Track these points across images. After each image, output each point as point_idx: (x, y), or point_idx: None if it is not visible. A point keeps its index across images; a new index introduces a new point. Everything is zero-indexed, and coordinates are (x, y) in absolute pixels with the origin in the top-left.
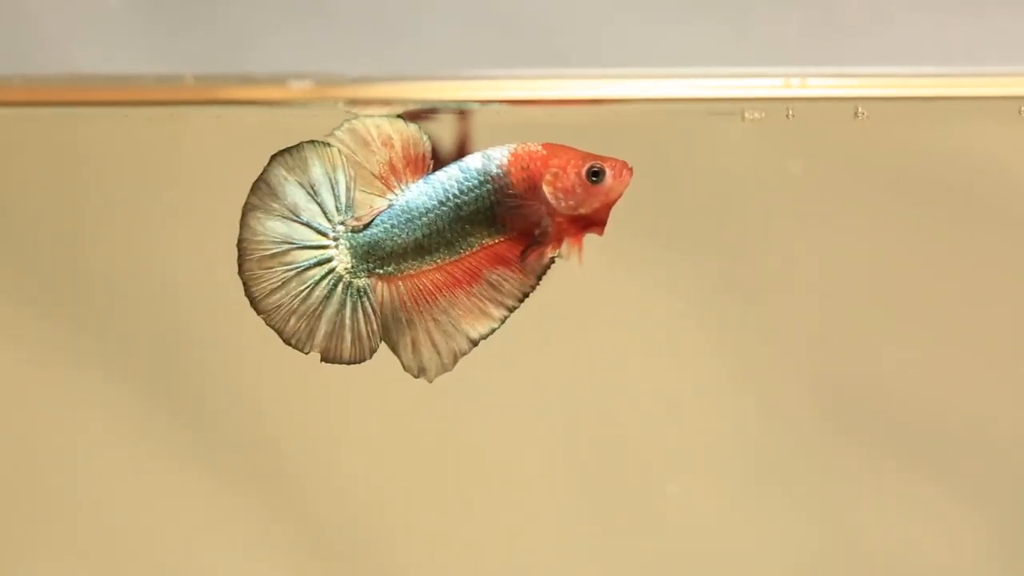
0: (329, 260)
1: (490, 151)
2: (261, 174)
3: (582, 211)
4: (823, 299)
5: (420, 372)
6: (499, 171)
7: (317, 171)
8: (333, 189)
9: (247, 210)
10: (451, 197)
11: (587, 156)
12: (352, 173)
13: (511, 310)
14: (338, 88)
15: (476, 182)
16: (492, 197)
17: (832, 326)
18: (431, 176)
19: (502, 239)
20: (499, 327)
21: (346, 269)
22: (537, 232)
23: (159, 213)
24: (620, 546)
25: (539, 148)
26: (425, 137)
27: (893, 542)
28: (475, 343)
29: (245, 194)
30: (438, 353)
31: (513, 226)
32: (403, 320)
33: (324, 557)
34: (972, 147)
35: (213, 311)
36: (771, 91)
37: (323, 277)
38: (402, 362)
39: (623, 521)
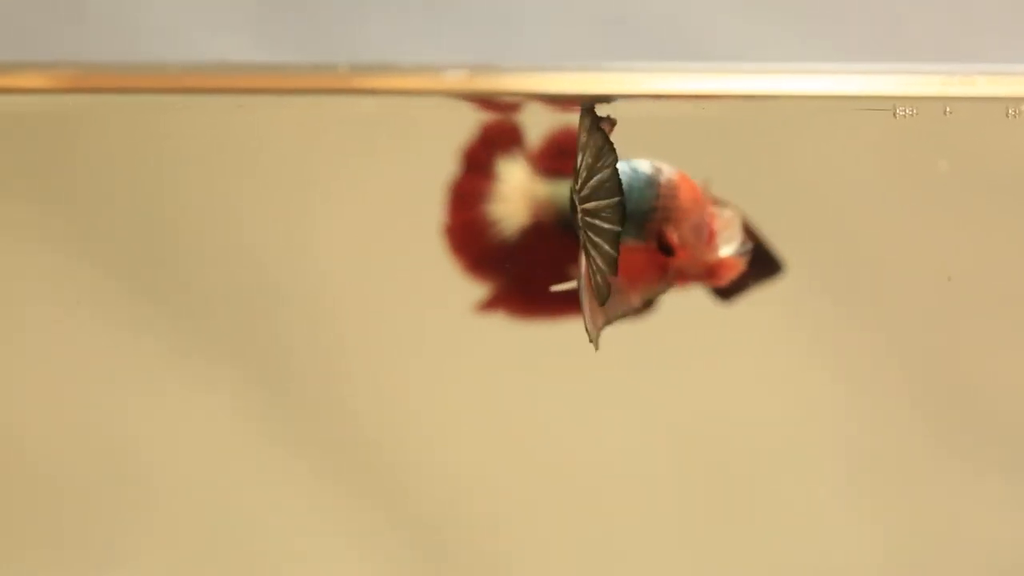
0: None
1: (655, 162)
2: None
3: (714, 258)
4: (958, 299)
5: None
6: (668, 183)
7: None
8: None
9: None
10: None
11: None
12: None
13: (609, 323)
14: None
15: (644, 183)
16: (655, 202)
17: (962, 327)
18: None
19: (642, 245)
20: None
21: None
22: (680, 248)
23: (253, 201)
24: (722, 543)
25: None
26: None
27: (993, 545)
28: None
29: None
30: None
31: (660, 235)
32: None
33: (423, 549)
34: None
35: (301, 304)
36: (925, 88)
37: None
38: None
39: (725, 519)
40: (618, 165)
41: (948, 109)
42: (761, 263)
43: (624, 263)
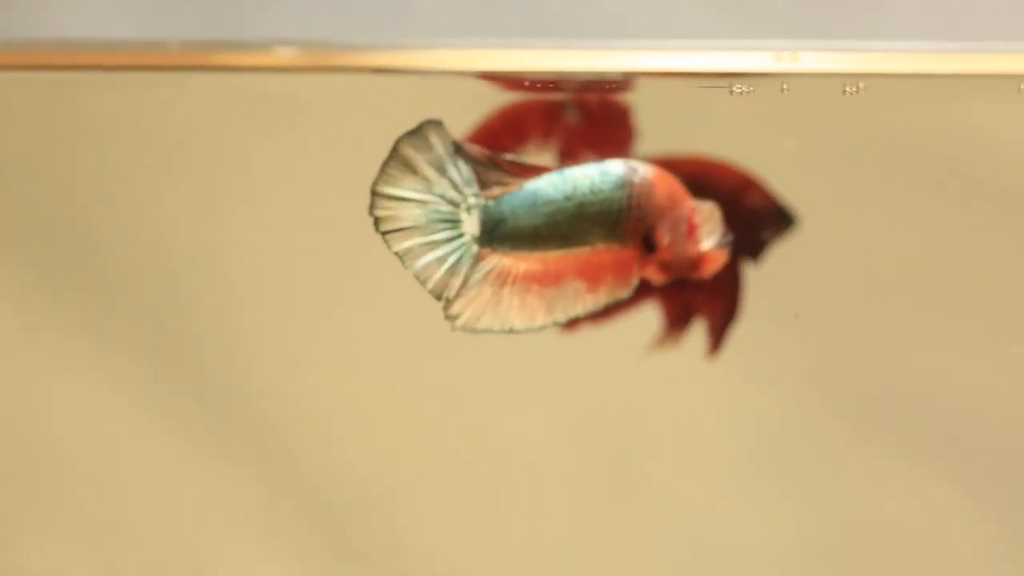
0: (459, 224)
1: (631, 161)
2: (390, 154)
3: (696, 251)
4: (819, 280)
5: (452, 317)
6: (642, 182)
7: (440, 150)
8: (456, 165)
9: (382, 186)
10: (579, 195)
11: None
12: (474, 152)
13: (556, 324)
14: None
15: (612, 185)
16: (626, 203)
17: (829, 307)
18: (567, 169)
19: (616, 246)
20: (534, 331)
21: (473, 236)
22: (660, 245)
23: (148, 180)
24: (622, 532)
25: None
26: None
27: (894, 530)
28: (507, 332)
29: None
30: (477, 319)
31: (635, 236)
32: (484, 284)
33: (328, 544)
34: (968, 124)
35: (213, 289)
36: (762, 65)
37: (452, 238)
38: (451, 305)
39: (623, 507)
40: (587, 169)
41: (785, 86)
42: (777, 219)
43: (588, 265)
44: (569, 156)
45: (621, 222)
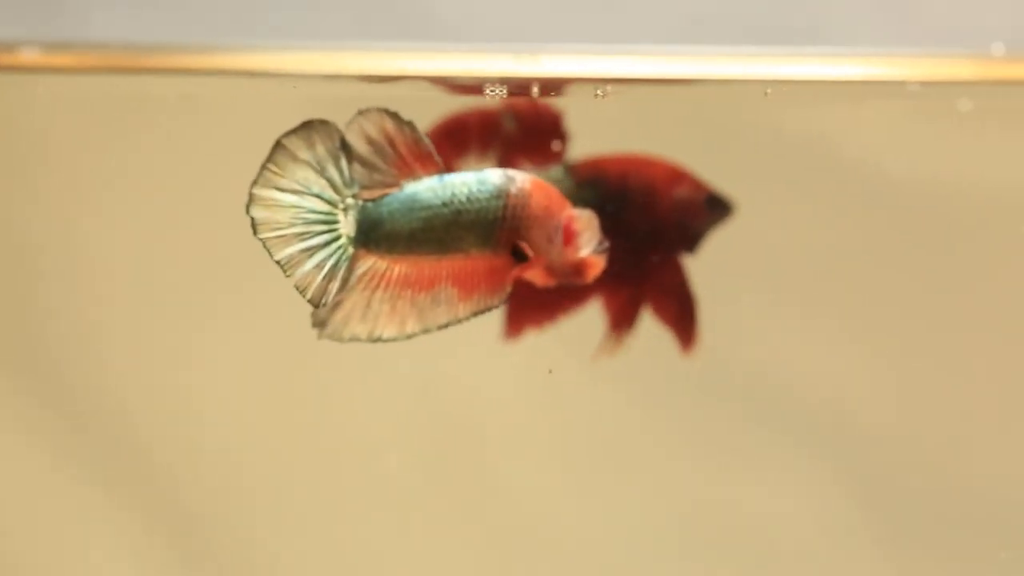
0: (336, 225)
1: (510, 171)
2: (271, 152)
3: (576, 258)
4: (715, 279)
5: (319, 323)
6: (518, 192)
7: (321, 148)
8: (337, 164)
9: (260, 186)
10: (456, 202)
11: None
12: (356, 151)
13: (426, 331)
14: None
15: (489, 195)
16: (501, 212)
17: (724, 307)
18: (447, 176)
19: (490, 253)
20: (402, 340)
21: (349, 236)
22: (533, 255)
23: (10, 184)
24: (476, 532)
25: (554, 188)
26: (426, 139)
27: (757, 516)
28: (372, 340)
29: None
30: (345, 325)
31: (509, 245)
32: (354, 287)
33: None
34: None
35: (76, 296)
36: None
37: (329, 241)
38: (321, 313)
39: (477, 508)
40: (465, 176)
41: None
42: (715, 208)
43: (462, 272)
44: (507, 165)
45: (496, 231)
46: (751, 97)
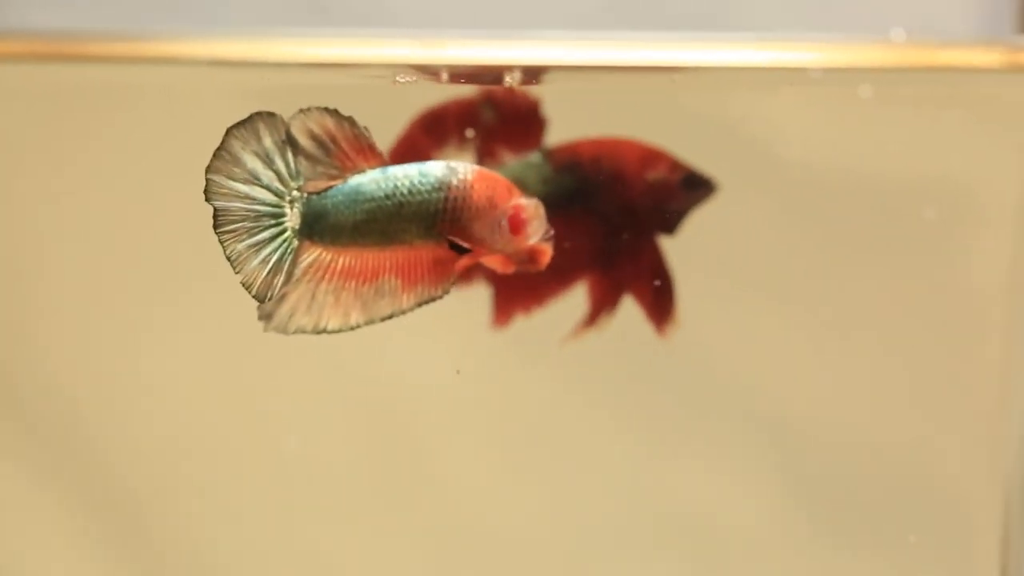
0: (283, 218)
1: (453, 163)
2: (220, 145)
3: (525, 246)
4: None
5: (264, 317)
6: (460, 184)
7: (268, 141)
8: (284, 157)
9: (211, 175)
10: (399, 194)
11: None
12: (301, 144)
13: (370, 322)
14: None
15: (431, 187)
16: (442, 205)
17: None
18: (390, 169)
19: (433, 244)
20: (347, 331)
21: (294, 229)
22: (473, 246)
23: None
24: (409, 515)
25: (501, 176)
26: (366, 128)
27: (701, 504)
28: (317, 332)
29: None
30: (290, 317)
31: (453, 234)
32: (299, 279)
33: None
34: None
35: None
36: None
37: (276, 235)
38: (267, 306)
39: (411, 484)
40: (408, 169)
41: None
42: (694, 188)
43: (406, 262)
44: (488, 155)
45: (437, 223)
46: (658, 84)
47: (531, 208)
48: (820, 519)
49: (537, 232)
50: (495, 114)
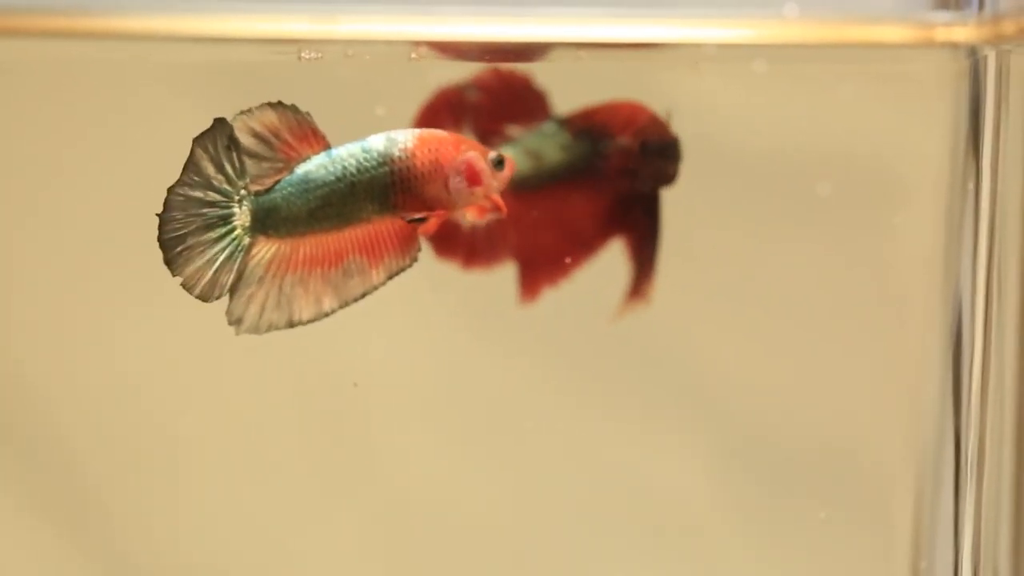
0: (231, 217)
1: (393, 134)
2: (188, 157)
3: (489, 195)
4: None
5: (235, 321)
6: (402, 154)
7: (219, 145)
8: (230, 159)
9: (177, 188)
10: (348, 175)
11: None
12: (244, 143)
13: (344, 305)
14: None
15: (375, 163)
16: (389, 179)
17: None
18: (334, 151)
19: (391, 217)
20: (322, 318)
21: (243, 227)
22: (432, 213)
23: None
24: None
25: (446, 133)
26: (308, 113)
27: (646, 482)
28: (291, 325)
29: None
30: (260, 316)
31: (408, 207)
32: (258, 276)
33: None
34: None
35: None
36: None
37: (223, 235)
38: (230, 306)
39: (361, 465)
40: (352, 148)
41: (350, 51)
42: (653, 155)
43: (368, 239)
44: (491, 133)
45: (390, 196)
46: (548, 63)
47: (481, 158)
48: (747, 494)
49: (495, 177)
50: (481, 94)
